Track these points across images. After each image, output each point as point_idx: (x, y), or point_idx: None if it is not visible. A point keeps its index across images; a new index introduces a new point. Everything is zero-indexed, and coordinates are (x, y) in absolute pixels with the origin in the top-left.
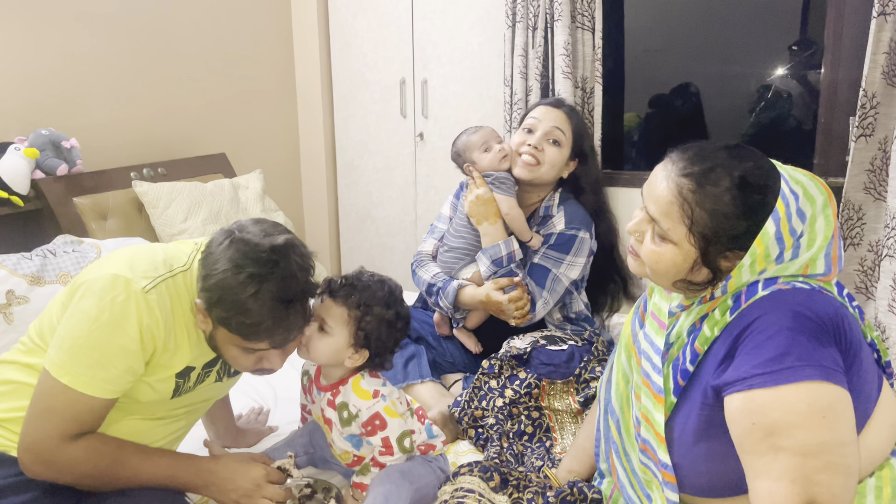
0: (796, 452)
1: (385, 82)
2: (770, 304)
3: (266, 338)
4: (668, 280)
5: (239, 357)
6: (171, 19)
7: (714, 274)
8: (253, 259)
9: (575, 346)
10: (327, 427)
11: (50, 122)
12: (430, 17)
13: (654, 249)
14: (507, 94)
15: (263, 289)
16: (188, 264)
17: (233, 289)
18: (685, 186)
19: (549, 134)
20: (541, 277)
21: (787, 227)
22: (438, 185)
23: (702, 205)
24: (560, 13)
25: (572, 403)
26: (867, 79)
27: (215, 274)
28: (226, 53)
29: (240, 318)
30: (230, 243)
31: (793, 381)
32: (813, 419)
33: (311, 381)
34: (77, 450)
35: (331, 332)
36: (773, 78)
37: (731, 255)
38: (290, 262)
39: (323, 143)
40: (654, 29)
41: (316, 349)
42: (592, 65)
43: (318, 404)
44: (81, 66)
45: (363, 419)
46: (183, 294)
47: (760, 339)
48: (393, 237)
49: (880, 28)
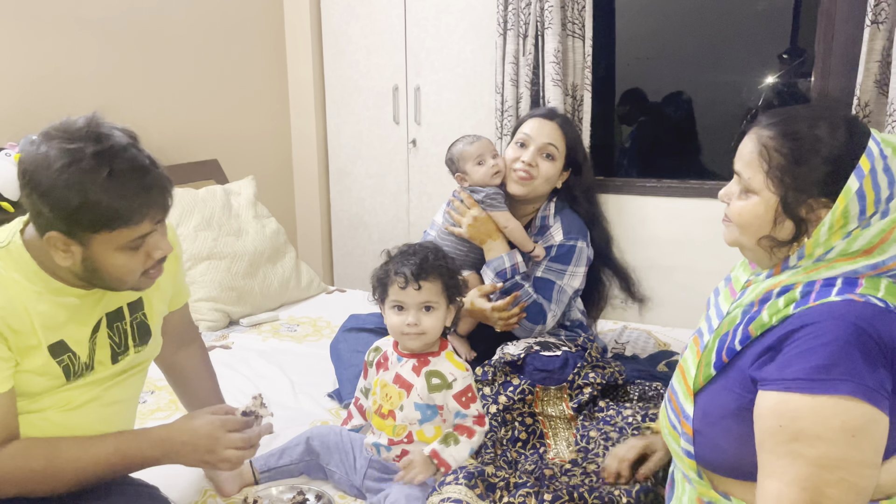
0: (814, 463)
1: (378, 89)
2: (834, 312)
3: (148, 209)
4: (754, 236)
5: (128, 262)
6: (163, 25)
7: (797, 228)
8: (81, 141)
9: (569, 352)
10: (402, 392)
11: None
12: (422, 24)
13: (739, 203)
14: (499, 102)
15: (115, 164)
16: (6, 240)
17: (88, 181)
18: (765, 135)
19: (543, 149)
20: (546, 290)
21: (871, 184)
22: (431, 191)
23: (779, 149)
24: (550, 21)
25: (566, 409)
26: (861, 87)
27: (59, 179)
28: (218, 59)
29: (115, 206)
30: (46, 148)
31: (832, 393)
32: (842, 436)
33: (384, 353)
34: (3, 458)
35: (437, 306)
36: (763, 86)
37: (813, 205)
38: (109, 129)
39: (315, 150)
40: (645, 37)
41: (429, 325)
42: (582, 72)
43: (394, 370)
44: (72, 71)
45: (458, 388)
46: (10, 269)
47: (813, 345)
48: (386, 243)
49: (873, 37)
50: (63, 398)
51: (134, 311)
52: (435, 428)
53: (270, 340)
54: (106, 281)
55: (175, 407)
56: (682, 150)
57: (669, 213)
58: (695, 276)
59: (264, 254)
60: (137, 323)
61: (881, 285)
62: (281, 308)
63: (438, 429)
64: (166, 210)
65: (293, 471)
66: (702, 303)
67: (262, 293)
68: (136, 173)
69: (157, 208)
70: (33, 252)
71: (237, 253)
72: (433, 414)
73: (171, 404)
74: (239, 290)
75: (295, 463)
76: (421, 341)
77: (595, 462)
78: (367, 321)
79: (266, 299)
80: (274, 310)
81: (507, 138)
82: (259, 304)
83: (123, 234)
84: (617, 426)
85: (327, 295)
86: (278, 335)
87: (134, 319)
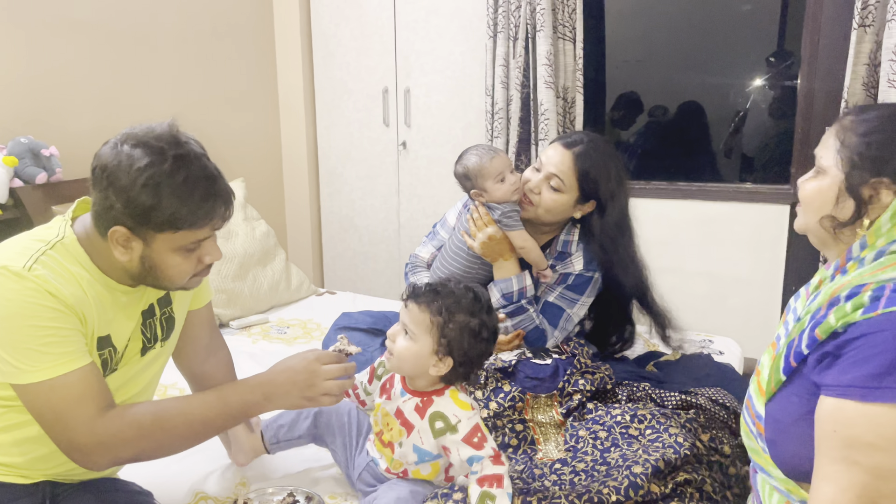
0: (869, 471)
1: (368, 91)
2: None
3: (213, 216)
4: (816, 215)
5: (181, 263)
6: (151, 27)
7: (858, 209)
8: (163, 145)
9: (559, 359)
10: (403, 430)
11: (29, 130)
12: (412, 26)
13: (808, 184)
14: (489, 104)
15: (192, 170)
16: (61, 234)
17: (166, 183)
18: (848, 118)
19: (548, 178)
20: (555, 317)
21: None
22: (421, 193)
23: (855, 129)
24: (542, 23)
25: (556, 416)
26: (849, 90)
27: (140, 177)
28: (208, 62)
29: (185, 209)
30: (128, 148)
31: (886, 401)
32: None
33: (392, 377)
34: (112, 419)
35: (414, 338)
36: (751, 89)
37: (876, 185)
38: (187, 138)
39: (305, 152)
40: (634, 40)
41: (400, 355)
42: (573, 75)
43: (396, 403)
44: (61, 73)
45: (464, 432)
46: (68, 262)
47: (871, 353)
48: (376, 246)
49: (860, 39)
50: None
51: (163, 306)
52: (431, 465)
53: (260, 343)
54: (158, 279)
55: None
56: (670, 153)
57: (658, 215)
58: (683, 277)
59: (254, 256)
60: (166, 318)
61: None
62: (271, 310)
63: (435, 465)
64: (226, 220)
65: (301, 443)
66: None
67: (252, 295)
68: (207, 181)
69: (219, 216)
70: (86, 247)
71: (227, 255)
72: (432, 458)
73: None
74: (229, 293)
75: (303, 436)
76: (391, 363)
77: (584, 461)
78: (359, 320)
79: (256, 301)
80: (264, 312)
81: (498, 141)
82: (249, 307)
83: (185, 237)
84: (606, 425)
85: (317, 297)
86: (268, 337)
87: (163, 315)
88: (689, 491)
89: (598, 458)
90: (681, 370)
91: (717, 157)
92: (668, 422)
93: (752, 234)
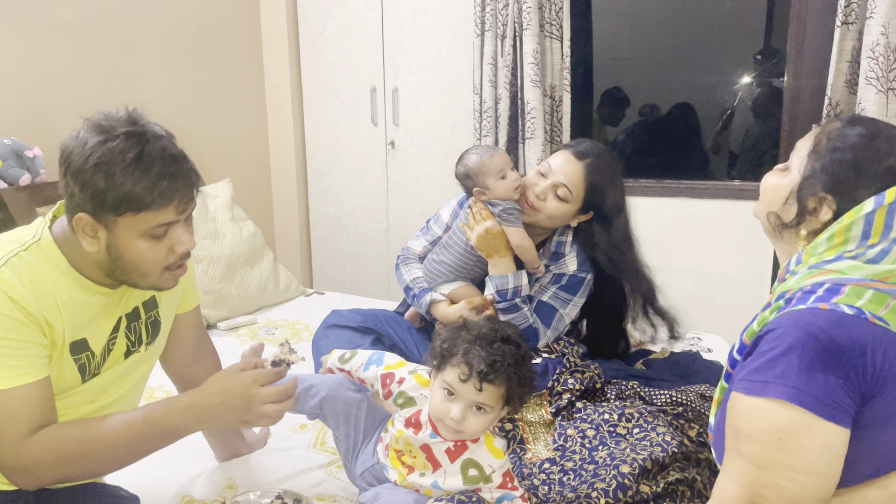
0: (751, 462)
1: (355, 90)
2: (793, 319)
3: (172, 197)
4: (765, 209)
5: (149, 250)
6: (136, 27)
7: (799, 215)
8: (115, 124)
9: (549, 359)
10: (428, 465)
11: (12, 132)
12: (399, 25)
13: (770, 176)
14: (477, 103)
15: (146, 148)
16: (37, 235)
17: (117, 160)
18: (831, 124)
19: (556, 187)
20: (548, 317)
21: (884, 216)
22: (410, 192)
23: (831, 140)
24: (529, 22)
25: (545, 415)
26: (832, 87)
27: (89, 159)
28: (194, 61)
29: (140, 187)
30: (84, 132)
31: (764, 395)
32: (769, 437)
33: (416, 413)
34: (34, 444)
35: (490, 411)
36: (738, 86)
37: (822, 199)
38: (147, 121)
39: (293, 152)
40: (621, 38)
41: (473, 427)
42: (561, 73)
43: (423, 439)
44: (45, 74)
45: (497, 482)
46: (42, 264)
47: (765, 349)
48: (365, 245)
49: (843, 37)
50: (71, 404)
51: (148, 309)
52: (446, 492)
53: (249, 344)
54: (128, 272)
55: None
56: (658, 150)
57: (646, 213)
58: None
59: (241, 257)
60: (151, 322)
61: (865, 294)
62: (259, 311)
63: (448, 491)
64: (191, 203)
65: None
66: (678, 302)
67: (240, 296)
68: (164, 160)
69: (181, 198)
70: (63, 248)
71: (214, 256)
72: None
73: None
74: (216, 294)
75: (307, 413)
76: (455, 437)
77: (572, 460)
78: (349, 319)
79: (243, 302)
80: (252, 313)
81: (486, 140)
82: (236, 308)
83: (146, 219)
84: (594, 423)
85: (306, 297)
86: (256, 339)
87: (149, 318)
88: (682, 489)
89: (586, 457)
90: (669, 368)
91: (705, 154)
92: (656, 420)
93: (740, 231)
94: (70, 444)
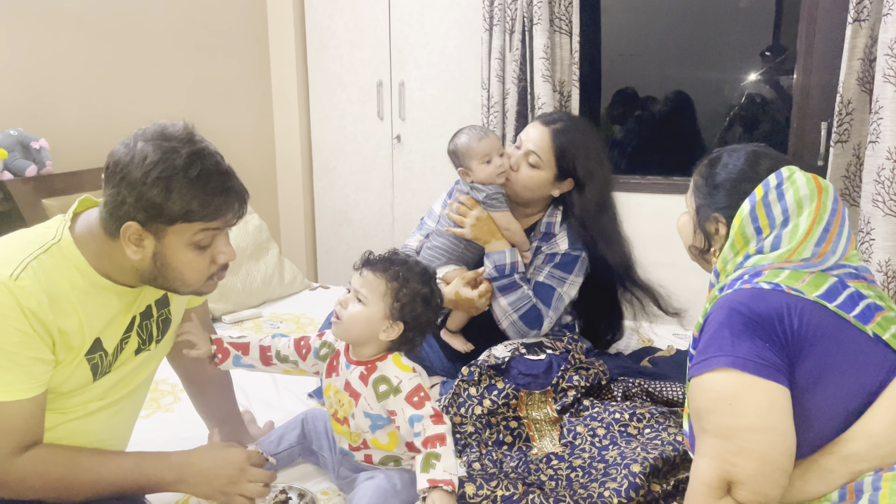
0: (714, 434)
1: (362, 84)
2: (720, 302)
3: (226, 210)
4: (686, 243)
5: (195, 260)
6: (143, 19)
7: (706, 240)
8: (179, 143)
9: (553, 355)
10: (352, 401)
11: (18, 123)
12: (407, 19)
13: (680, 217)
14: (485, 98)
15: (204, 164)
16: (57, 236)
17: (179, 176)
18: (698, 167)
19: (527, 155)
20: (547, 296)
21: (763, 209)
22: (416, 187)
23: (702, 172)
24: (539, 17)
25: (550, 412)
26: (843, 84)
27: (151, 172)
28: (200, 54)
29: (195, 201)
30: (142, 145)
31: (707, 370)
32: (720, 405)
33: (336, 354)
34: (24, 463)
35: (367, 302)
36: (746, 83)
37: (716, 219)
38: (202, 137)
39: (299, 145)
40: (630, 33)
41: (351, 319)
42: (570, 68)
43: (344, 377)
44: (51, 65)
45: (406, 391)
46: (61, 267)
47: (704, 334)
48: (370, 239)
49: (855, 34)
50: (80, 402)
51: (160, 307)
52: (388, 434)
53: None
54: (171, 279)
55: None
56: (666, 147)
57: (653, 210)
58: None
59: (247, 250)
60: (162, 319)
61: (781, 274)
62: (264, 305)
63: (392, 434)
64: (239, 217)
65: (293, 454)
66: (685, 299)
67: (245, 290)
68: (221, 176)
69: (232, 212)
70: (83, 247)
71: None
72: (384, 422)
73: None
74: (221, 287)
75: (294, 446)
76: (338, 329)
77: (581, 457)
78: None
79: (249, 296)
80: (257, 307)
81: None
82: (242, 301)
83: (197, 229)
84: (604, 422)
85: (311, 291)
86: (261, 332)
87: (160, 316)
88: None
89: (595, 456)
90: (676, 365)
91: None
92: (667, 421)
93: None
94: (60, 470)
